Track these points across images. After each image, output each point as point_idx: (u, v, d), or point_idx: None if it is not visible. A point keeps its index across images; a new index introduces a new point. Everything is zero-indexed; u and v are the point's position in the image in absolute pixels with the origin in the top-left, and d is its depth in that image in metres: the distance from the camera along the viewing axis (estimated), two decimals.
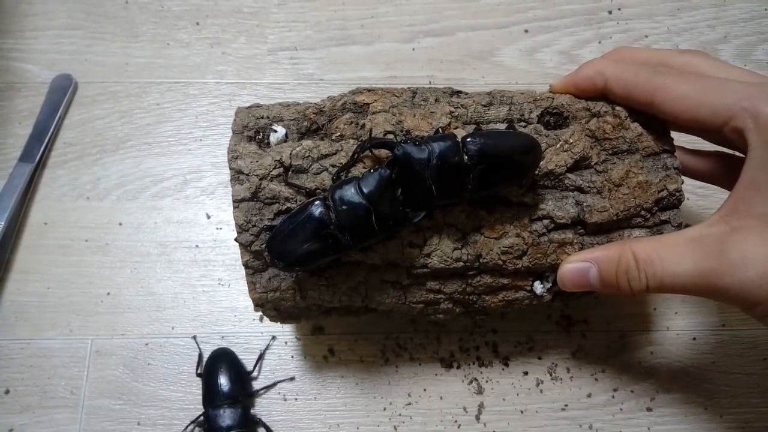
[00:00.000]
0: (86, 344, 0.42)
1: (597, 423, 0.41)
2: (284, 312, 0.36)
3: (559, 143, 0.33)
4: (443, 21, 0.51)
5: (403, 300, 0.34)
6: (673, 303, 0.43)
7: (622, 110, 0.34)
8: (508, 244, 0.33)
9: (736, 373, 0.42)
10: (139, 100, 0.49)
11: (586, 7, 0.52)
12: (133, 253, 0.45)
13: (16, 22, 0.51)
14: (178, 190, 0.46)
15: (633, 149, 0.33)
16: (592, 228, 0.33)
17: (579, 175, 0.33)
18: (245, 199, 0.32)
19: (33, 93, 0.48)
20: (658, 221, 0.33)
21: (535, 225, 0.33)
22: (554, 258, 0.33)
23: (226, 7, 0.52)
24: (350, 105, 0.34)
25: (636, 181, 0.33)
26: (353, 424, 0.41)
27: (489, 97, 0.34)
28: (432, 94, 0.35)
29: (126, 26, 0.51)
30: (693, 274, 0.29)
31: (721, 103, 0.30)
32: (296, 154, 0.32)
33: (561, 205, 0.33)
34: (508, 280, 0.34)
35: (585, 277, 0.32)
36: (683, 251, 0.29)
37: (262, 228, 0.32)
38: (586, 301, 0.43)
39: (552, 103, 0.34)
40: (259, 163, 0.32)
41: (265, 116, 0.34)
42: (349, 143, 0.32)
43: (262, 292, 0.33)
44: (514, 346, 0.42)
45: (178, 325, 0.43)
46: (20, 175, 0.45)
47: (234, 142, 0.33)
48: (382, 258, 0.33)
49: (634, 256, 0.30)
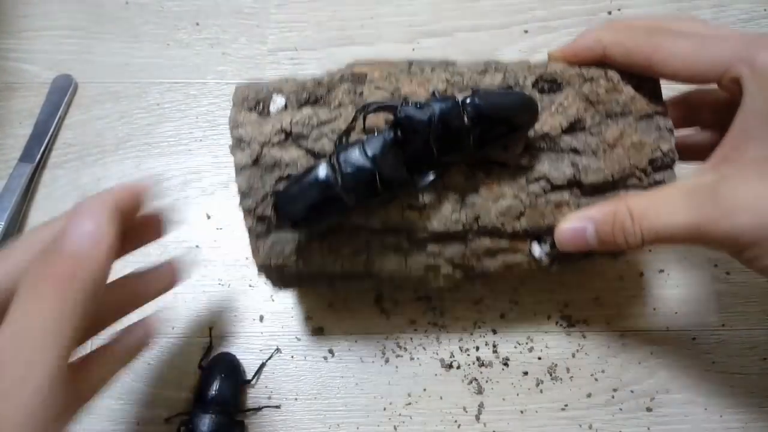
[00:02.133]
0: (86, 344, 0.42)
1: (597, 423, 0.41)
2: (287, 278, 0.37)
3: (554, 106, 0.34)
4: (443, 21, 0.51)
5: (404, 265, 0.35)
6: (672, 303, 0.43)
7: (614, 74, 0.34)
8: (506, 206, 0.34)
9: (736, 373, 0.42)
10: (139, 100, 0.49)
11: (585, 7, 0.52)
12: (133, 253, 0.44)
13: (16, 23, 0.51)
14: (178, 190, 0.46)
15: (626, 111, 0.34)
16: (588, 189, 0.34)
17: (574, 137, 0.34)
18: (247, 165, 0.33)
19: (33, 93, 0.48)
20: (652, 182, 0.34)
21: (532, 186, 0.34)
22: (551, 219, 0.34)
23: (226, 8, 0.52)
24: (348, 76, 0.35)
25: (630, 141, 0.34)
26: (353, 424, 0.41)
27: (484, 66, 0.35)
28: (428, 64, 0.36)
29: (126, 27, 0.51)
30: (687, 224, 0.30)
31: (718, 55, 0.30)
32: (296, 121, 0.33)
33: (557, 166, 0.34)
34: (507, 242, 0.35)
35: (582, 237, 0.33)
36: (676, 202, 0.30)
37: (268, 193, 0.33)
38: (586, 301, 0.43)
39: (546, 71, 0.35)
40: (259, 130, 0.33)
41: (265, 89, 0.35)
42: (348, 110, 0.33)
43: (265, 257, 0.34)
44: (513, 346, 0.42)
45: (177, 325, 0.43)
46: (20, 176, 0.45)
47: (235, 112, 0.34)
48: (382, 222, 0.33)
49: (629, 211, 0.31)
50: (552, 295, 0.44)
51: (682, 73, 0.32)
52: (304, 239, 0.34)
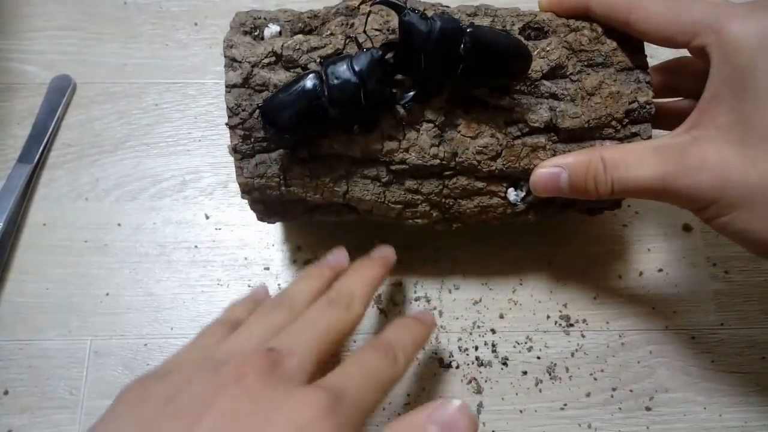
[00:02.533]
0: (85, 345, 0.42)
1: (596, 422, 0.41)
2: (270, 206, 0.38)
3: (537, 51, 0.35)
4: None
5: (382, 199, 0.36)
6: (672, 302, 0.43)
7: (599, 26, 0.36)
8: (483, 144, 0.34)
9: (735, 372, 0.42)
10: (137, 100, 0.49)
11: None
12: (132, 254, 0.45)
13: (15, 23, 0.51)
14: (176, 190, 0.46)
15: (607, 62, 0.35)
16: (564, 134, 0.35)
17: (554, 83, 0.35)
18: (237, 85, 0.34)
19: (32, 94, 0.48)
20: (628, 134, 0.35)
21: (510, 128, 0.35)
22: (527, 162, 0.35)
23: (224, 8, 0.52)
24: (342, 9, 0.36)
25: (608, 91, 0.35)
26: None
27: (474, 9, 0.36)
28: (420, 5, 0.36)
29: (124, 27, 0.51)
30: (653, 177, 0.31)
31: (688, 21, 0.32)
32: (288, 45, 0.34)
33: (535, 110, 0.35)
34: (483, 184, 0.36)
35: (556, 181, 0.34)
36: (647, 157, 0.32)
37: (255, 109, 0.34)
38: (585, 301, 0.43)
39: (534, 18, 0.36)
40: (251, 51, 0.34)
41: (263, 17, 0.36)
42: (338, 39, 0.34)
43: (248, 177, 0.35)
44: (513, 346, 0.42)
45: (176, 325, 0.43)
46: (19, 176, 0.45)
47: (230, 35, 0.35)
48: (362, 150, 0.34)
49: (602, 160, 0.33)
50: (551, 295, 0.44)
51: (653, 35, 0.33)
52: (287, 161, 0.35)
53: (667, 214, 0.46)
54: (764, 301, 0.43)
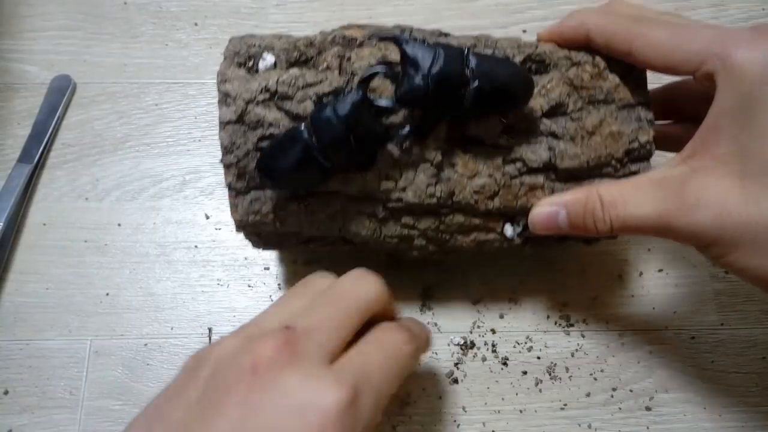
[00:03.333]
0: (85, 345, 0.42)
1: (596, 422, 0.41)
2: (265, 238, 0.37)
3: (537, 88, 0.34)
4: (441, 21, 0.51)
5: (378, 233, 0.36)
6: (672, 302, 0.43)
7: (601, 61, 0.34)
8: (481, 184, 0.34)
9: (735, 372, 0.42)
10: (137, 100, 0.49)
11: (584, 7, 0.52)
12: (132, 254, 0.45)
13: (15, 23, 0.51)
14: (176, 190, 0.46)
15: (609, 99, 0.34)
16: (563, 174, 0.34)
17: (554, 120, 0.34)
18: (231, 121, 0.33)
19: (31, 94, 0.48)
20: (627, 172, 0.34)
21: (508, 167, 0.34)
22: (525, 201, 0.35)
23: (224, 8, 0.52)
24: (339, 39, 0.35)
25: (609, 130, 0.34)
26: None
27: (474, 40, 0.35)
28: (420, 33, 0.36)
29: (124, 27, 0.51)
30: (652, 215, 0.30)
31: (693, 49, 0.30)
32: (282, 80, 0.33)
33: (534, 149, 0.34)
34: (480, 220, 0.35)
35: (554, 220, 0.34)
36: (645, 193, 0.31)
37: (250, 150, 0.33)
38: (585, 301, 0.43)
39: (535, 51, 0.35)
40: (246, 87, 0.33)
41: (257, 45, 0.35)
42: (333, 74, 0.34)
43: (243, 213, 0.35)
44: (512, 346, 0.42)
45: (176, 325, 0.43)
46: (19, 176, 0.45)
47: (224, 67, 0.34)
48: (359, 189, 0.34)
49: (600, 198, 0.32)
50: (551, 295, 0.44)
51: (657, 63, 0.32)
52: (282, 199, 0.34)
53: None
54: (764, 301, 0.43)
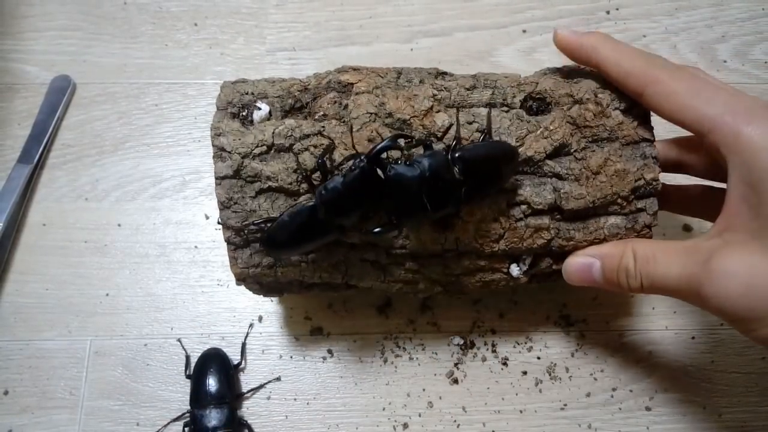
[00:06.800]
0: (85, 345, 0.42)
1: (596, 422, 0.41)
2: (266, 286, 0.37)
3: (539, 130, 0.33)
4: (442, 21, 0.51)
5: (382, 279, 0.35)
6: (671, 302, 0.43)
7: (604, 98, 0.34)
8: (486, 228, 0.34)
9: (735, 372, 0.42)
10: (137, 101, 0.49)
11: (583, 7, 0.52)
12: (132, 254, 0.45)
13: (15, 24, 0.51)
14: (176, 191, 0.46)
15: (613, 137, 0.33)
16: (568, 214, 0.34)
17: (558, 161, 0.34)
18: (227, 176, 0.33)
19: (32, 94, 0.48)
20: (634, 209, 0.34)
21: (513, 210, 0.34)
22: (530, 242, 0.34)
23: (224, 8, 0.52)
24: (335, 84, 0.34)
25: (614, 169, 0.33)
26: (352, 425, 0.41)
27: (473, 80, 0.35)
28: (417, 74, 0.35)
29: (124, 27, 0.51)
30: (679, 278, 0.30)
31: (707, 113, 0.30)
32: (278, 133, 0.33)
33: (539, 191, 0.34)
34: (485, 262, 0.35)
35: (589, 273, 0.33)
36: (675, 256, 0.30)
37: (248, 215, 0.33)
38: (585, 301, 0.43)
39: (535, 89, 0.34)
40: (241, 141, 0.33)
41: (250, 92, 0.34)
42: (331, 123, 0.33)
43: (243, 267, 0.34)
44: (513, 346, 0.42)
45: (176, 325, 0.43)
46: (19, 176, 0.45)
47: (217, 119, 0.33)
48: (361, 238, 0.33)
49: (633, 254, 0.31)
50: (551, 295, 0.44)
51: (668, 116, 0.31)
52: None
53: (668, 214, 0.45)
54: None
